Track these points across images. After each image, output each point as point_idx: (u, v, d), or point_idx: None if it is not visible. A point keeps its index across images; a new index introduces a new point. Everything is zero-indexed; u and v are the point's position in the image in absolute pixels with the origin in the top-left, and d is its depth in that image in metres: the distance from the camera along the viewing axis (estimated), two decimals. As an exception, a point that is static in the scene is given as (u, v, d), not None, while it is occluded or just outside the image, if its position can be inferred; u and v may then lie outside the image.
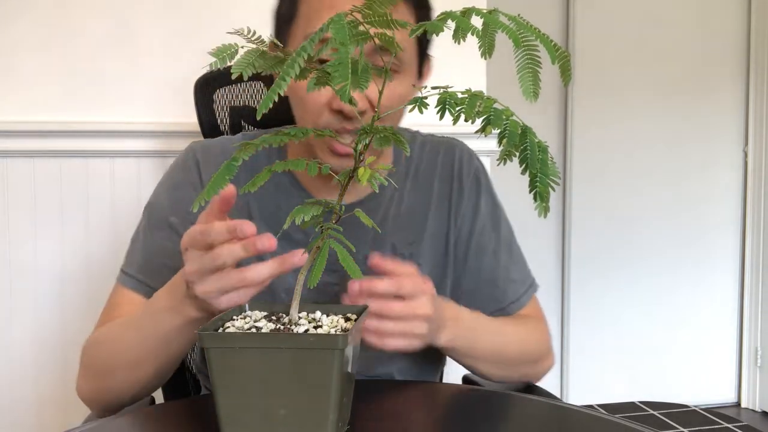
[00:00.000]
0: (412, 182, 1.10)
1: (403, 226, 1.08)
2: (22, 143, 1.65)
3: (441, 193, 1.11)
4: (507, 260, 1.14)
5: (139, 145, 1.70)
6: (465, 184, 1.12)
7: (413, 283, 0.89)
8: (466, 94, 0.52)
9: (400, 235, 1.07)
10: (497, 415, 0.84)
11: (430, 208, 1.10)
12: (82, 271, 1.70)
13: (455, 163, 1.13)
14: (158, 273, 1.00)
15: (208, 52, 0.57)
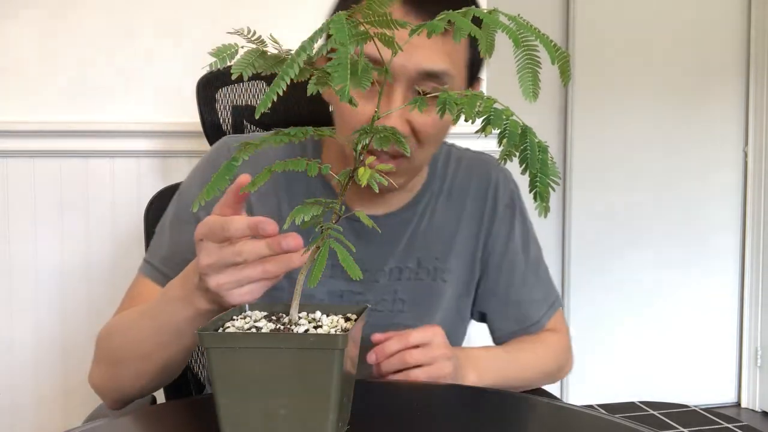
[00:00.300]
0: (446, 198, 1.10)
1: (431, 241, 1.08)
2: (22, 143, 1.65)
3: (473, 213, 1.11)
4: (533, 281, 1.16)
5: (139, 145, 1.70)
6: (499, 207, 1.12)
7: (421, 331, 0.93)
8: (466, 94, 0.53)
9: (426, 250, 1.07)
10: (497, 415, 0.84)
11: (461, 226, 1.10)
12: (82, 271, 1.70)
13: (491, 184, 1.13)
14: (182, 267, 0.97)
15: (208, 53, 0.57)
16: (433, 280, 1.08)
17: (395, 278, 1.06)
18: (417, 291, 1.07)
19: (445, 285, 1.08)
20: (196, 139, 1.67)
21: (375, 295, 1.05)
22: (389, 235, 1.05)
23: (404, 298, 1.06)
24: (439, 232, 1.09)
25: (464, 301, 1.12)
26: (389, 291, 1.05)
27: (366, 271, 1.04)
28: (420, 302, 1.06)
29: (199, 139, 1.44)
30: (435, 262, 1.08)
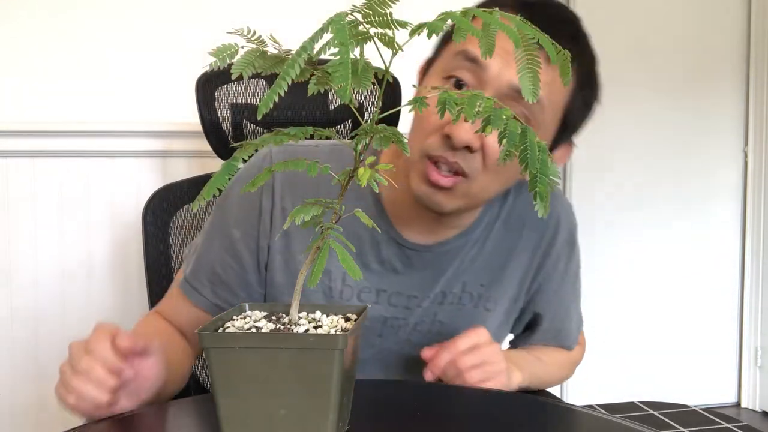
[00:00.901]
0: (503, 225, 1.06)
1: (481, 267, 1.05)
2: (22, 143, 1.65)
3: (528, 244, 1.07)
4: (574, 312, 1.17)
5: (139, 145, 1.70)
6: (558, 242, 1.10)
7: (466, 336, 0.94)
8: (465, 94, 0.53)
9: (474, 275, 1.05)
10: (497, 414, 0.84)
11: (513, 256, 1.07)
12: (81, 271, 1.70)
13: (552, 217, 1.09)
14: (209, 281, 1.01)
15: (208, 52, 0.56)
16: (476, 307, 1.05)
17: (438, 302, 1.04)
18: (457, 315, 1.05)
19: (488, 314, 1.06)
20: (195, 139, 1.67)
21: (416, 318, 1.04)
22: (440, 263, 1.02)
23: (443, 320, 1.04)
24: (490, 260, 1.05)
25: (503, 329, 1.11)
26: (429, 314, 1.04)
27: (413, 297, 1.02)
28: (458, 327, 1.03)
29: (199, 139, 1.44)
30: (480, 289, 1.05)
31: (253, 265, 1.00)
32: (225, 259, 1.00)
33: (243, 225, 0.99)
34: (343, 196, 0.64)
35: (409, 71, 1.07)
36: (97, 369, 0.77)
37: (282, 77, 0.53)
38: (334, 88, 0.52)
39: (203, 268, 1.01)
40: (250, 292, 1.02)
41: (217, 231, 1.01)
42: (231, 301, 1.02)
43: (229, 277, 1.01)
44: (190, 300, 1.02)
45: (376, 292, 1.01)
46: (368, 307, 0.71)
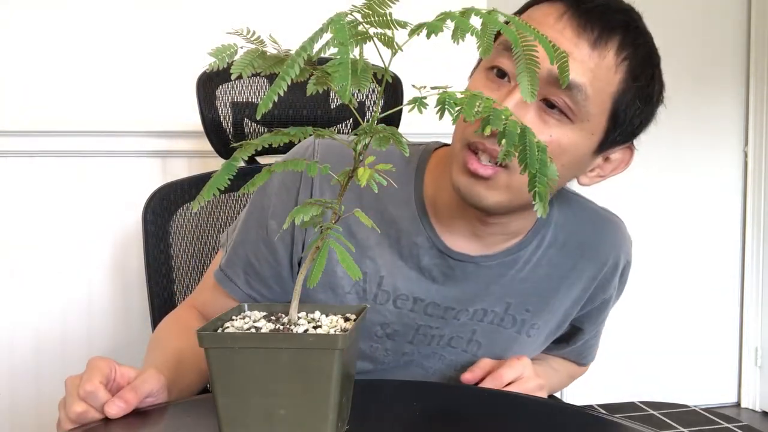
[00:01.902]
0: (558, 249, 1.01)
1: (529, 291, 1.00)
2: (22, 143, 1.65)
3: (581, 273, 1.03)
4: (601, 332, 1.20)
5: (140, 145, 1.70)
6: (615, 277, 1.06)
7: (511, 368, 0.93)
8: (465, 94, 0.53)
9: (520, 299, 1.00)
10: (497, 414, 0.84)
11: (565, 283, 1.02)
12: (81, 271, 1.70)
13: (612, 248, 1.05)
14: (243, 271, 0.99)
15: (208, 53, 0.57)
16: (518, 332, 1.01)
17: (478, 319, 0.99)
18: (497, 338, 1.01)
19: (529, 341, 1.02)
20: (195, 139, 1.67)
21: (452, 331, 1.00)
22: (483, 278, 0.98)
23: (481, 341, 1.00)
24: (539, 285, 1.00)
25: (540, 348, 1.08)
26: (467, 330, 1.00)
27: (451, 309, 0.98)
28: (496, 350, 1.01)
29: (199, 139, 1.44)
30: (525, 315, 1.01)
31: (287, 258, 0.97)
32: (260, 249, 0.98)
33: (279, 216, 0.96)
34: (342, 196, 0.64)
35: (410, 71, 1.07)
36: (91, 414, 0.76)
37: (282, 77, 0.53)
38: (334, 88, 0.52)
39: (239, 257, 0.99)
40: (284, 285, 0.99)
41: (254, 220, 0.99)
42: (265, 294, 1.00)
43: (263, 269, 0.98)
44: (226, 291, 1.00)
45: (413, 300, 0.97)
46: (367, 308, 0.71)
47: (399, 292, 0.97)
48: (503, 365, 0.94)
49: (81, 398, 0.76)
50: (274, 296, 1.00)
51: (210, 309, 1.03)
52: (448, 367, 1.01)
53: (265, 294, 1.00)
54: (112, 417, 0.75)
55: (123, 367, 0.80)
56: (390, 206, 0.96)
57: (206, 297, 1.04)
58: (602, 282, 1.05)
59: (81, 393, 0.76)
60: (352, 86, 0.52)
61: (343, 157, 0.95)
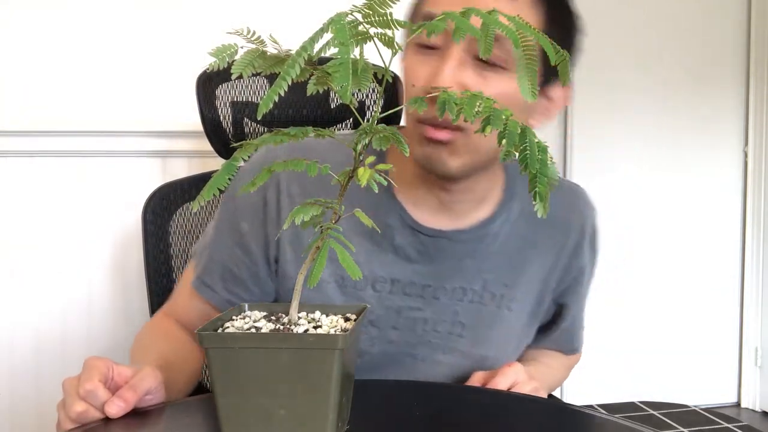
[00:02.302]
0: (525, 221, 1.03)
1: (502, 265, 1.02)
2: (22, 143, 1.65)
3: (553, 242, 1.06)
4: (583, 313, 1.18)
5: (140, 145, 1.70)
6: (585, 244, 1.09)
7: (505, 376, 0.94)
8: (465, 94, 0.53)
9: (495, 274, 1.02)
10: (497, 414, 0.84)
11: (536, 252, 1.05)
12: (82, 271, 1.70)
13: (579, 217, 1.09)
14: (221, 277, 1.01)
15: (208, 53, 0.57)
16: (498, 307, 1.03)
17: (457, 299, 1.01)
18: (479, 316, 1.02)
19: (510, 314, 1.04)
20: (195, 139, 1.67)
21: (434, 313, 1.01)
22: (456, 253, 1.00)
23: (464, 322, 1.02)
24: (513, 257, 1.03)
25: (528, 330, 1.09)
26: (449, 312, 1.01)
27: (427, 287, 1.00)
28: (480, 329, 1.02)
29: (199, 139, 1.44)
30: (503, 289, 1.03)
31: (263, 258, 0.99)
32: (236, 253, 1.00)
33: (250, 217, 0.99)
34: (342, 196, 0.64)
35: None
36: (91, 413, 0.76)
37: (282, 77, 0.53)
38: (334, 89, 0.52)
39: (215, 264, 1.01)
40: (262, 286, 1.01)
41: (226, 226, 1.01)
42: (245, 297, 1.01)
43: (241, 273, 1.00)
44: (204, 297, 1.01)
45: (391, 282, 0.99)
46: (367, 308, 0.71)
47: (376, 275, 0.99)
48: (496, 374, 0.94)
49: (81, 398, 0.76)
50: (253, 298, 1.02)
51: (188, 317, 1.04)
52: (436, 351, 1.01)
53: (244, 297, 1.01)
54: (112, 416, 0.75)
55: (120, 366, 0.81)
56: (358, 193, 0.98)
57: (183, 306, 1.05)
58: (573, 250, 1.08)
59: (81, 392, 0.76)
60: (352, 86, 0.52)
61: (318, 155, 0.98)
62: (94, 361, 0.79)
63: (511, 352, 1.07)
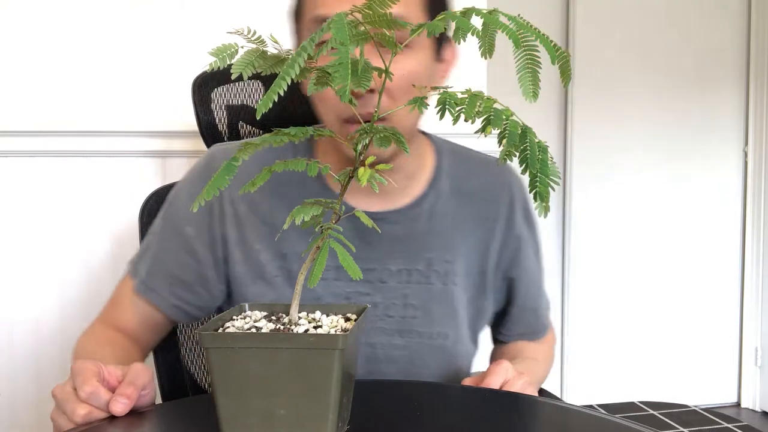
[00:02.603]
0: (455, 198, 1.06)
1: (440, 243, 1.04)
2: (22, 143, 1.65)
3: (485, 215, 1.08)
4: (543, 291, 1.18)
5: (139, 145, 1.70)
6: (516, 214, 1.10)
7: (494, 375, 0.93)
8: (466, 94, 0.52)
9: (437, 252, 1.04)
10: (497, 414, 0.84)
11: (471, 227, 1.07)
12: (81, 271, 1.70)
13: (505, 188, 1.10)
14: (167, 283, 1.03)
15: (208, 52, 0.56)
16: (444, 284, 1.05)
17: (404, 281, 1.03)
18: (428, 296, 1.04)
19: (456, 289, 1.05)
20: (194, 140, 1.67)
21: (384, 298, 1.02)
22: (394, 233, 1.02)
23: (415, 303, 1.03)
24: (448, 233, 1.05)
25: (475, 305, 1.09)
26: (399, 295, 1.03)
27: (371, 270, 1.02)
28: (432, 308, 1.04)
29: (198, 140, 1.44)
30: (446, 265, 1.05)
31: (210, 259, 1.02)
32: (181, 257, 1.02)
33: (194, 221, 1.02)
34: (342, 196, 0.64)
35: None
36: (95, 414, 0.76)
37: (281, 77, 0.53)
38: (334, 89, 0.52)
39: (159, 269, 1.03)
40: (210, 288, 1.04)
41: (170, 232, 1.04)
42: (190, 300, 1.04)
43: (187, 276, 1.03)
44: (149, 300, 1.03)
45: (335, 270, 1.00)
46: (368, 307, 0.71)
47: None
48: (486, 375, 0.95)
49: (83, 401, 0.76)
50: (199, 302, 1.05)
51: (130, 324, 1.04)
52: (392, 336, 1.02)
53: (190, 300, 1.04)
54: (118, 414, 0.76)
55: (109, 366, 0.81)
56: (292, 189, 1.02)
57: (124, 312, 1.05)
58: (506, 222, 1.09)
59: (82, 395, 0.76)
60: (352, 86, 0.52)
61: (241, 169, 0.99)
62: (83, 365, 0.80)
63: (467, 329, 1.09)
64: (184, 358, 1.24)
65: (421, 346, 1.03)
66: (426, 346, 1.04)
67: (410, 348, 1.03)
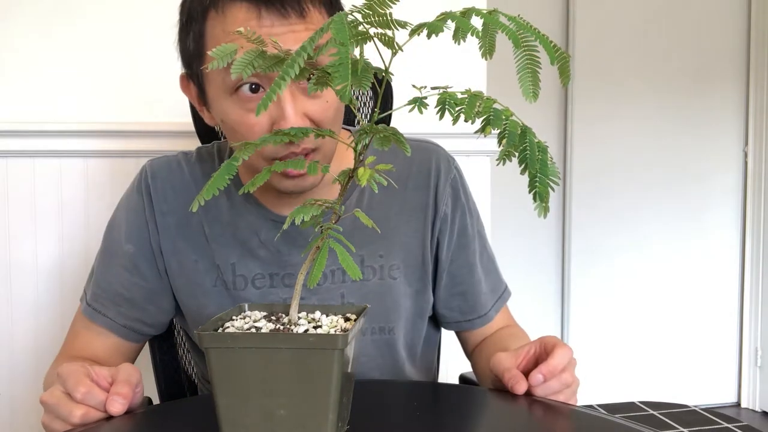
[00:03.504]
0: (383, 191, 1.03)
1: (372, 239, 1.01)
2: (22, 143, 1.65)
3: (416, 204, 1.05)
4: (479, 273, 1.11)
5: (139, 145, 1.70)
6: (441, 196, 1.06)
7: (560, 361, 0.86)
8: (465, 95, 0.52)
9: (368, 248, 1.02)
10: (496, 414, 0.84)
11: (403, 219, 1.04)
12: (82, 271, 1.70)
13: (432, 171, 1.06)
14: (115, 304, 1.03)
15: (208, 53, 0.56)
16: (381, 278, 1.02)
17: (339, 281, 1.01)
18: (365, 293, 1.02)
19: (395, 282, 1.03)
20: (193, 140, 1.67)
21: (321, 299, 1.00)
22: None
23: (353, 302, 1.01)
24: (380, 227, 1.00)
25: (422, 297, 1.07)
26: (336, 295, 1.01)
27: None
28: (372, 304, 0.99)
29: (197, 140, 1.44)
30: (380, 260, 1.02)
31: (154, 273, 1.03)
32: (124, 276, 1.03)
33: (134, 237, 1.03)
34: (342, 196, 0.64)
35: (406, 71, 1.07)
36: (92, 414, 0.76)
37: (281, 77, 0.53)
38: (334, 89, 0.52)
39: (103, 290, 1.03)
40: (159, 303, 1.04)
41: (110, 253, 1.05)
42: (139, 317, 1.04)
43: (133, 294, 1.03)
44: (96, 323, 1.02)
45: (269, 277, 1.01)
46: (368, 307, 0.71)
47: (253, 272, 1.01)
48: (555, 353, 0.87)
49: (79, 401, 0.76)
50: (151, 319, 1.05)
51: (92, 351, 1.03)
52: None
53: (138, 317, 1.04)
54: (116, 413, 0.76)
55: (96, 367, 0.81)
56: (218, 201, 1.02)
57: (82, 341, 1.04)
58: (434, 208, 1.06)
59: (78, 396, 0.76)
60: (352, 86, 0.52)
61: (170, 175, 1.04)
62: (70, 368, 0.80)
63: (413, 319, 1.06)
64: (181, 358, 1.24)
65: (364, 343, 1.02)
66: (370, 342, 1.02)
67: (360, 346, 1.01)
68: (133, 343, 1.06)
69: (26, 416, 1.68)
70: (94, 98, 1.69)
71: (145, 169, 1.06)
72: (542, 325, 3.06)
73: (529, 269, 3.07)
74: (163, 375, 1.22)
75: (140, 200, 1.04)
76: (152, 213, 1.03)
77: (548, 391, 0.85)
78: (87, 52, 1.68)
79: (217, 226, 1.02)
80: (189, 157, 1.07)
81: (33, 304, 1.68)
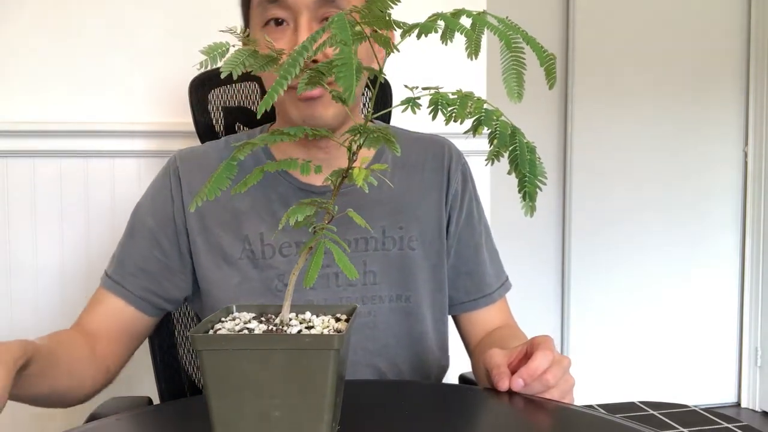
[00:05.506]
0: (401, 169, 1.11)
1: (394, 211, 1.09)
2: (22, 143, 1.65)
3: (431, 183, 1.12)
4: (485, 255, 1.18)
5: (139, 145, 1.70)
6: (453, 178, 1.14)
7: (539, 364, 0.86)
8: (457, 95, 0.52)
9: (389, 220, 1.08)
10: (496, 414, 0.84)
11: (422, 196, 1.11)
12: (82, 271, 1.70)
13: (445, 155, 1.14)
14: (133, 276, 1.05)
15: (199, 51, 0.56)
16: (401, 249, 1.08)
17: (362, 249, 1.06)
18: (386, 261, 1.07)
19: (414, 253, 1.09)
20: (195, 140, 1.67)
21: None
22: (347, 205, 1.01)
23: (375, 270, 1.06)
24: (400, 203, 1.09)
25: (440, 270, 1.12)
26: (358, 263, 1.06)
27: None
28: (392, 273, 1.07)
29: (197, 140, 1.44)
30: (400, 232, 1.08)
31: (175, 250, 1.06)
32: (145, 248, 1.06)
33: (158, 213, 1.07)
34: (336, 196, 0.64)
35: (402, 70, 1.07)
36: None
37: (282, 76, 0.53)
38: (338, 89, 0.52)
39: (125, 263, 1.06)
40: (176, 280, 1.07)
41: (135, 228, 1.08)
42: (157, 291, 1.06)
43: (151, 266, 1.06)
44: (115, 295, 1.04)
45: (296, 245, 1.04)
46: (358, 307, 0.71)
47: (281, 241, 1.05)
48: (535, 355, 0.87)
49: None
50: (166, 294, 1.07)
51: (101, 324, 1.04)
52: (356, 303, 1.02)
53: (156, 291, 1.06)
54: None
55: None
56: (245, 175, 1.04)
57: (94, 314, 1.05)
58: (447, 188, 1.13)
59: None
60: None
61: (203, 160, 1.09)
62: None
63: (431, 291, 1.11)
64: (182, 358, 1.24)
65: (383, 309, 1.06)
66: (388, 310, 1.07)
67: (374, 313, 1.06)
68: (147, 317, 1.07)
69: (26, 416, 1.68)
70: (95, 98, 1.69)
71: (174, 156, 1.12)
72: (542, 325, 3.06)
73: (529, 269, 3.07)
74: (163, 375, 1.22)
75: (167, 180, 1.09)
76: (179, 191, 1.07)
77: (531, 392, 0.87)
78: (87, 52, 1.68)
79: (248, 199, 1.06)
80: (217, 144, 1.13)
81: (33, 304, 1.68)
